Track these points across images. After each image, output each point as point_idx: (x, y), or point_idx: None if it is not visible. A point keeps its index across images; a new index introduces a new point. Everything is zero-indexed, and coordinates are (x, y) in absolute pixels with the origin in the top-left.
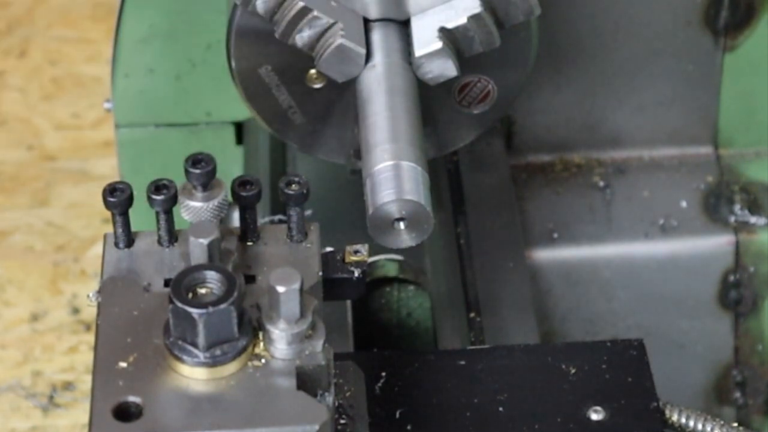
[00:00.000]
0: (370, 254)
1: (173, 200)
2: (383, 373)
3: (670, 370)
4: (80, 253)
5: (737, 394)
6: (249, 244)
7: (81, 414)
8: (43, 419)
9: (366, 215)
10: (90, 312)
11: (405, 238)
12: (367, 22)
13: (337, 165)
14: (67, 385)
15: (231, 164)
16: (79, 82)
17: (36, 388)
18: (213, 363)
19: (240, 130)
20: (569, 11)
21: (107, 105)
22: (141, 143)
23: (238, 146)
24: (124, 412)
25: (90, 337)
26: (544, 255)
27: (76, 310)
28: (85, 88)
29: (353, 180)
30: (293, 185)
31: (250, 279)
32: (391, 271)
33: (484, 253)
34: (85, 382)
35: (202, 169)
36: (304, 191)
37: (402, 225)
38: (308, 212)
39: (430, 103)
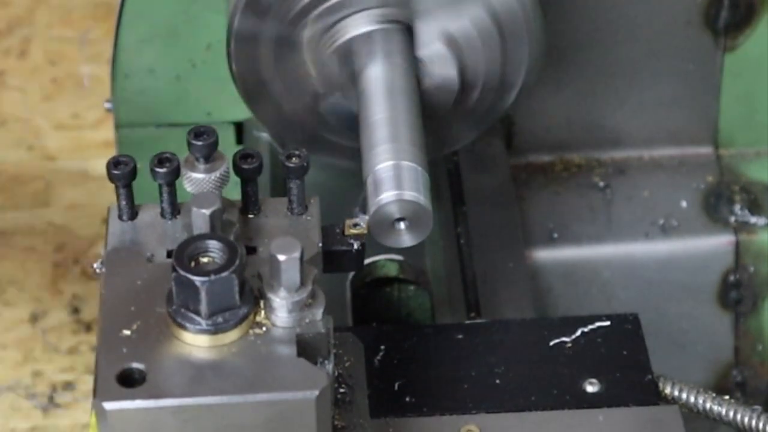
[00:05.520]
0: (370, 254)
1: (176, 173)
2: (382, 347)
3: (670, 370)
4: (80, 253)
5: (737, 394)
6: (250, 216)
7: (81, 414)
8: (43, 419)
9: (366, 215)
10: (90, 312)
11: (405, 237)
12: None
13: (337, 165)
14: (67, 385)
15: (231, 164)
16: (80, 82)
17: (36, 388)
18: (215, 330)
19: (240, 130)
20: (569, 11)
21: (107, 105)
22: (141, 143)
23: (238, 146)
24: (128, 378)
25: (90, 338)
26: (544, 255)
27: (76, 310)
28: (86, 88)
29: (353, 180)
30: (294, 158)
31: (252, 250)
32: (392, 271)
33: (484, 253)
34: (85, 382)
35: (204, 141)
36: (305, 164)
37: (402, 225)
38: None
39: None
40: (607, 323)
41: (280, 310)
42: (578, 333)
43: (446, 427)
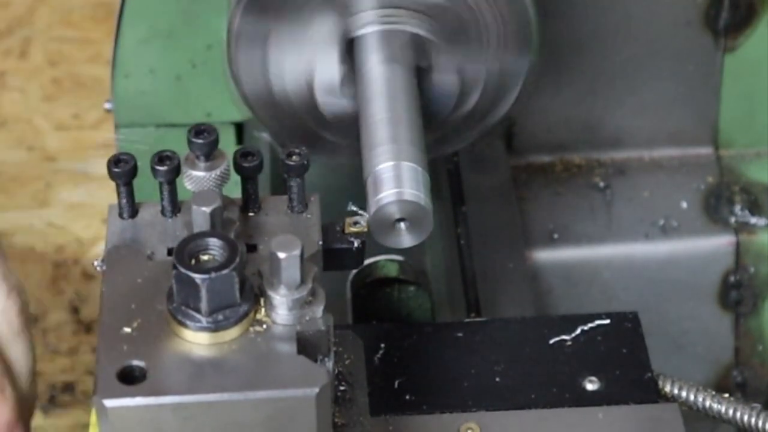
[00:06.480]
0: (371, 254)
1: (176, 171)
2: (382, 345)
3: (670, 371)
4: (81, 253)
5: (737, 395)
6: (250, 214)
7: (81, 414)
8: (43, 419)
9: (367, 215)
10: (90, 312)
11: (406, 238)
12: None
13: (337, 165)
14: (67, 386)
15: (231, 164)
16: (80, 82)
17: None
18: (215, 328)
19: (240, 130)
20: (569, 11)
21: (108, 105)
22: (141, 143)
23: (238, 146)
24: (129, 375)
25: (90, 338)
26: (544, 255)
27: (76, 310)
28: (86, 88)
29: (354, 180)
30: (294, 156)
31: (252, 248)
32: (392, 271)
33: (485, 254)
34: (85, 383)
35: (204, 139)
36: (305, 162)
37: (403, 225)
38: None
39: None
40: (607, 321)
41: (281, 308)
42: (578, 331)
43: (446, 425)
